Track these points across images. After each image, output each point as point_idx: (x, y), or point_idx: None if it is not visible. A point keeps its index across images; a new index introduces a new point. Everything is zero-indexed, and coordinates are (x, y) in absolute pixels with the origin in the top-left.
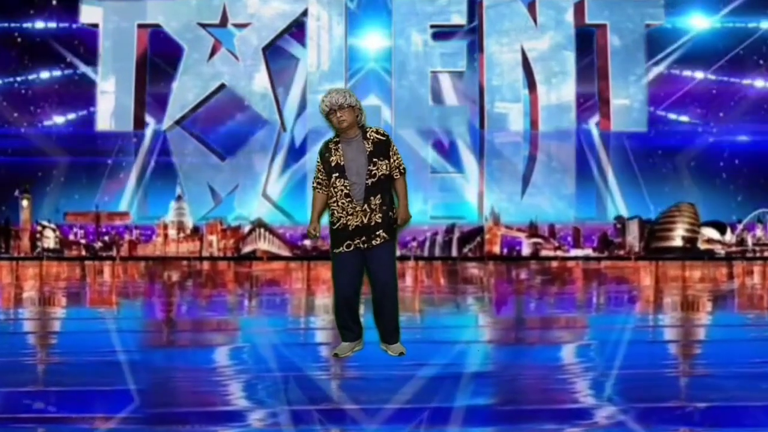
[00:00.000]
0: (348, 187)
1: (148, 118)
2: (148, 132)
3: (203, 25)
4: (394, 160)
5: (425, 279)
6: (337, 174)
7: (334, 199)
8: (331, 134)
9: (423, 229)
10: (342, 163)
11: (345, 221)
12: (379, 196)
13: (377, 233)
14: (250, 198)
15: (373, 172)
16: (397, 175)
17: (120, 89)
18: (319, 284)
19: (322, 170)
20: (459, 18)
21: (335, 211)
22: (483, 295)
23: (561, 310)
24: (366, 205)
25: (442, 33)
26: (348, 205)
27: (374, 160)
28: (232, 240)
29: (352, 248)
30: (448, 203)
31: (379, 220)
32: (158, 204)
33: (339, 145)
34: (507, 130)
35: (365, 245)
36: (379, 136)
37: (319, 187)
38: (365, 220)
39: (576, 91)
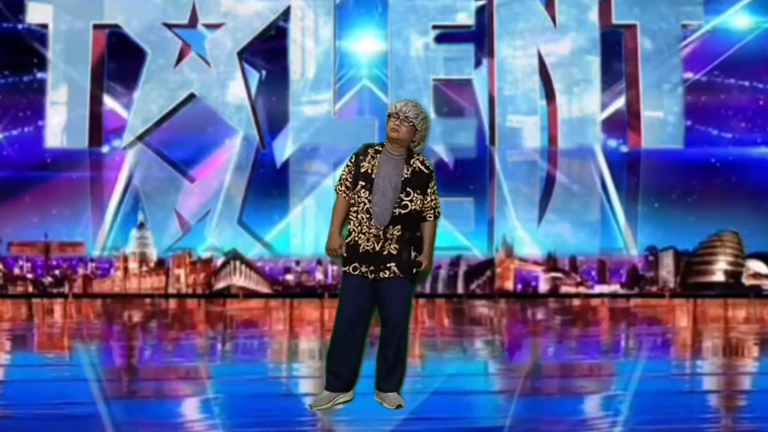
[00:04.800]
0: (371, 204)
1: (106, 134)
2: (106, 149)
3: (169, 26)
4: (432, 200)
5: (426, 319)
6: (363, 183)
7: (355, 209)
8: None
9: None
10: (372, 175)
11: (357, 239)
12: (400, 227)
13: (388, 266)
14: (223, 226)
15: (404, 203)
16: (430, 217)
17: (73, 100)
18: (303, 325)
19: (351, 173)
20: (466, 17)
21: (352, 222)
22: (493, 337)
23: (584, 356)
24: (383, 232)
25: (446, 35)
26: (365, 223)
27: (408, 189)
28: (202, 274)
29: (357, 273)
30: (453, 232)
31: (393, 252)
32: (117, 233)
33: (379, 155)
34: (521, 147)
35: (372, 275)
36: (422, 167)
37: (345, 191)
38: (377, 247)
39: (601, 101)
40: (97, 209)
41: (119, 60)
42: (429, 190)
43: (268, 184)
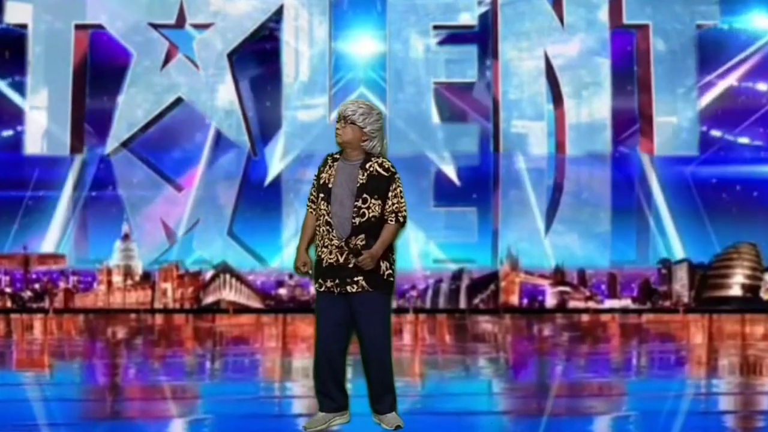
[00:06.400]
0: (330, 215)
1: (88, 140)
2: (88, 157)
3: (156, 26)
4: (393, 203)
5: (427, 336)
6: (322, 195)
7: (318, 223)
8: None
9: (425, 275)
10: (330, 185)
11: (320, 253)
12: (363, 237)
13: (356, 279)
14: (212, 237)
15: (362, 211)
16: (391, 221)
17: (54, 104)
18: (297, 342)
19: (314, 186)
20: (468, 17)
21: (316, 237)
22: (498, 355)
23: (593, 374)
24: (346, 243)
25: (448, 36)
26: (326, 236)
27: (365, 196)
28: (190, 288)
29: (323, 289)
30: (455, 243)
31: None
32: (100, 244)
33: (336, 163)
34: (527, 153)
35: (338, 289)
36: (380, 171)
37: (311, 206)
38: (340, 259)
39: (612, 106)
40: (79, 219)
41: (103, 62)
42: (390, 194)
43: (260, 193)
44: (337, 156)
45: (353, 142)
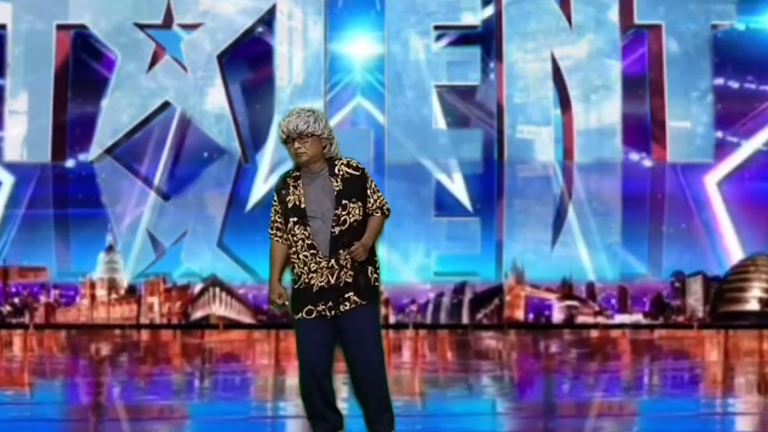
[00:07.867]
0: (311, 237)
1: (71, 146)
2: (70, 164)
3: (142, 27)
4: (375, 200)
5: (428, 353)
6: (295, 219)
7: (294, 250)
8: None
9: (425, 288)
10: (302, 205)
11: (307, 279)
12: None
13: (347, 296)
14: (201, 249)
15: (342, 219)
16: (376, 213)
17: (34, 108)
18: (290, 359)
19: (279, 212)
20: (471, 17)
21: (296, 266)
22: (502, 373)
23: (603, 393)
24: (333, 260)
25: (448, 36)
26: (311, 260)
27: (344, 202)
28: (178, 303)
29: (314, 315)
30: (458, 255)
31: (350, 280)
32: (83, 256)
33: (299, 181)
34: (533, 161)
35: (332, 312)
36: (351, 171)
37: (277, 234)
38: (332, 280)
39: (622, 110)
40: (61, 230)
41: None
42: (368, 192)
43: (251, 202)
44: (297, 173)
45: (316, 154)
